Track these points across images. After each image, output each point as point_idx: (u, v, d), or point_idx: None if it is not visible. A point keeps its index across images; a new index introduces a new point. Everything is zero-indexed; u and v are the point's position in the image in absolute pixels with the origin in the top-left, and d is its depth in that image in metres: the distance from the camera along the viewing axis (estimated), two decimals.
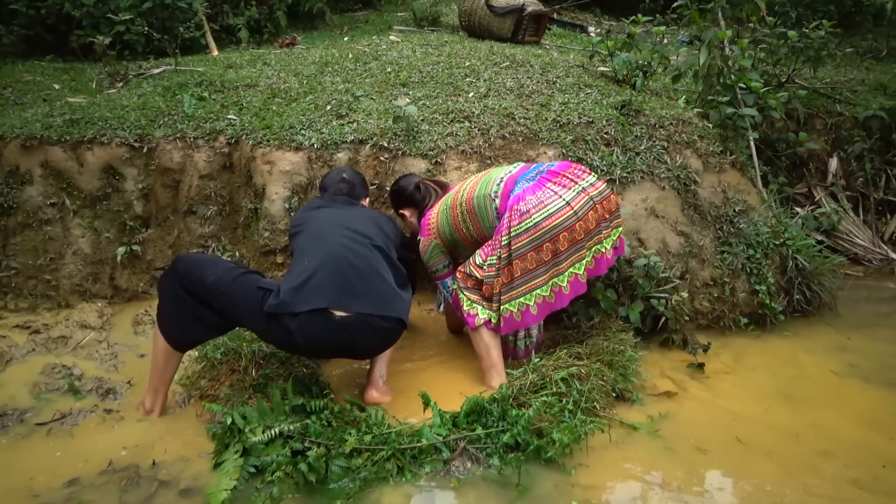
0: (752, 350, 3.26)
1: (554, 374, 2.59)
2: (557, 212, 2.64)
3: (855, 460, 2.40)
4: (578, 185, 2.73)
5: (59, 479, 2.24)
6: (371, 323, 2.42)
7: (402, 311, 2.53)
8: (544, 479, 2.23)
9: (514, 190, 2.75)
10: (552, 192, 2.69)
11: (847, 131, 4.98)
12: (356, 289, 2.44)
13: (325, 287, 2.40)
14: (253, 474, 2.21)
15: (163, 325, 2.53)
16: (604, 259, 2.78)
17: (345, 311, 2.38)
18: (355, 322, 2.39)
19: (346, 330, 2.38)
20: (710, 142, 3.79)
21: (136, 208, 3.72)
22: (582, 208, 2.67)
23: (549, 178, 2.76)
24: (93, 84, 4.91)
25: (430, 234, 2.99)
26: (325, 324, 2.36)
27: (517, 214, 2.66)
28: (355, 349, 2.52)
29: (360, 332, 2.41)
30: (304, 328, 2.35)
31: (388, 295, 2.49)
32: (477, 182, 2.89)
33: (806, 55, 4.74)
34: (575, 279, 2.71)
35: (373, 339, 2.48)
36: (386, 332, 2.50)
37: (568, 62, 4.85)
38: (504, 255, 2.69)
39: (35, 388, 2.81)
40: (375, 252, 2.59)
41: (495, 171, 2.93)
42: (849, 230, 4.67)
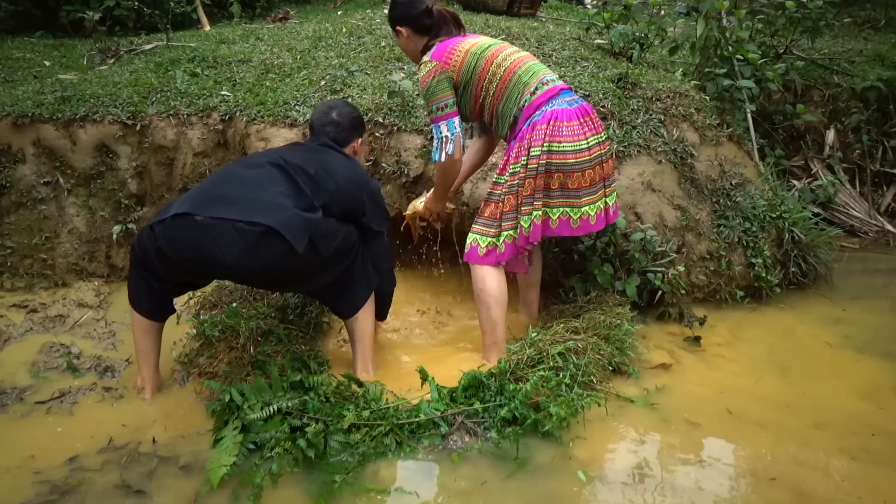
0: (748, 323, 3.28)
1: (551, 349, 2.60)
2: (580, 151, 2.56)
3: (847, 430, 2.42)
4: (600, 135, 2.65)
5: (59, 456, 2.25)
6: (235, 227, 2.22)
7: (280, 221, 2.24)
8: (542, 452, 2.25)
9: (554, 102, 2.58)
10: (582, 130, 2.58)
11: (844, 103, 4.95)
12: (227, 196, 2.29)
13: (196, 195, 2.33)
14: (252, 450, 2.23)
15: (129, 296, 2.56)
16: (606, 213, 2.72)
17: (206, 214, 2.24)
18: (216, 225, 2.22)
19: (206, 233, 2.22)
20: (706, 114, 3.76)
21: (130, 186, 3.70)
22: (594, 160, 2.61)
23: (585, 112, 2.62)
24: (84, 60, 4.85)
25: (448, 64, 2.63)
26: (185, 226, 2.25)
27: (551, 133, 2.52)
28: (222, 259, 2.25)
29: (223, 238, 2.22)
30: (166, 233, 2.27)
31: (262, 203, 2.28)
32: (520, 61, 2.66)
33: (804, 26, 4.69)
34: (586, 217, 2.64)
35: (237, 247, 2.23)
36: (253, 241, 2.23)
37: (564, 35, 4.80)
38: (523, 172, 2.57)
39: (34, 367, 2.82)
40: (276, 172, 2.41)
41: (538, 65, 2.71)
42: (845, 202, 4.67)
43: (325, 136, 2.70)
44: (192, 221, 2.25)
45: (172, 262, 2.33)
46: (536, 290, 3.16)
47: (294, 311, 2.96)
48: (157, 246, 2.31)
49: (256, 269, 2.32)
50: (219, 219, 2.23)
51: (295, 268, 2.37)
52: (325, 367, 2.69)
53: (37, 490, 2.09)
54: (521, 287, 3.15)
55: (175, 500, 2.06)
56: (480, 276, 2.73)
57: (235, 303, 3.04)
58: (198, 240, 2.25)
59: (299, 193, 2.38)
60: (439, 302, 3.41)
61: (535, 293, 3.16)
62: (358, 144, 2.82)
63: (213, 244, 2.23)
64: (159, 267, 2.41)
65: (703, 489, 2.12)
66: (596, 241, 3.16)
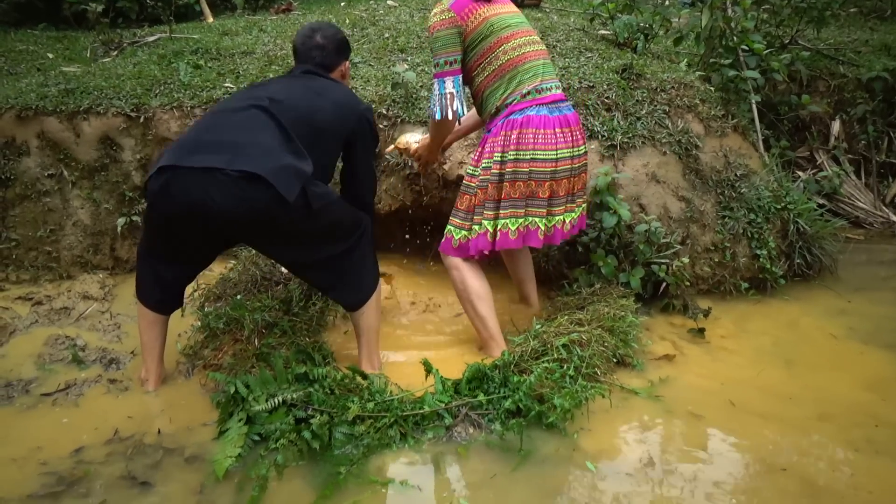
0: (753, 314, 3.28)
1: (555, 341, 2.60)
2: (546, 161, 2.56)
3: (850, 422, 2.42)
4: (576, 149, 2.65)
5: (65, 448, 2.26)
6: (224, 174, 2.13)
7: (269, 169, 2.15)
8: (546, 443, 2.26)
9: (540, 108, 2.56)
10: (555, 140, 2.57)
11: (850, 93, 4.92)
12: (213, 143, 2.21)
13: (182, 145, 2.26)
14: (257, 442, 2.24)
15: (136, 289, 2.56)
16: (559, 231, 2.71)
17: (193, 164, 2.17)
18: (204, 175, 2.15)
19: (195, 183, 2.15)
20: (711, 105, 3.75)
21: (134, 179, 3.70)
22: (560, 173, 2.61)
23: (566, 123, 2.61)
24: (87, 53, 4.85)
25: (464, 21, 2.54)
26: (173, 177, 2.18)
27: (518, 140, 2.53)
28: (213, 209, 2.16)
29: (212, 187, 2.14)
30: (156, 187, 2.20)
31: (250, 148, 2.19)
32: (528, 57, 2.60)
33: (809, 16, 4.66)
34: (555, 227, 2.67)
35: (226, 195, 2.14)
36: (242, 190, 2.14)
37: (568, 25, 4.78)
38: (495, 170, 2.58)
39: (39, 359, 2.83)
40: (261, 114, 2.29)
41: (546, 66, 2.65)
42: (850, 193, 4.65)
43: (310, 62, 2.58)
44: (180, 172, 2.18)
45: (167, 218, 2.27)
46: (531, 283, 3.15)
47: (299, 304, 2.96)
48: (151, 203, 2.26)
49: (247, 220, 2.22)
50: (205, 168, 2.15)
51: (286, 220, 2.25)
52: (329, 359, 2.69)
53: (43, 481, 2.10)
54: (516, 283, 3.16)
55: (180, 491, 2.07)
56: (458, 277, 2.72)
57: (240, 295, 3.04)
58: (187, 190, 2.17)
59: (287, 139, 2.27)
60: (438, 293, 3.41)
61: (530, 286, 3.15)
62: (345, 67, 2.68)
63: (202, 194, 2.15)
64: (159, 230, 2.35)
65: (708, 480, 2.12)
66: (600, 232, 3.15)
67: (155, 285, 2.53)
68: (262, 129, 2.26)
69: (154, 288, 2.53)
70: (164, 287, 2.54)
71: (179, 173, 2.18)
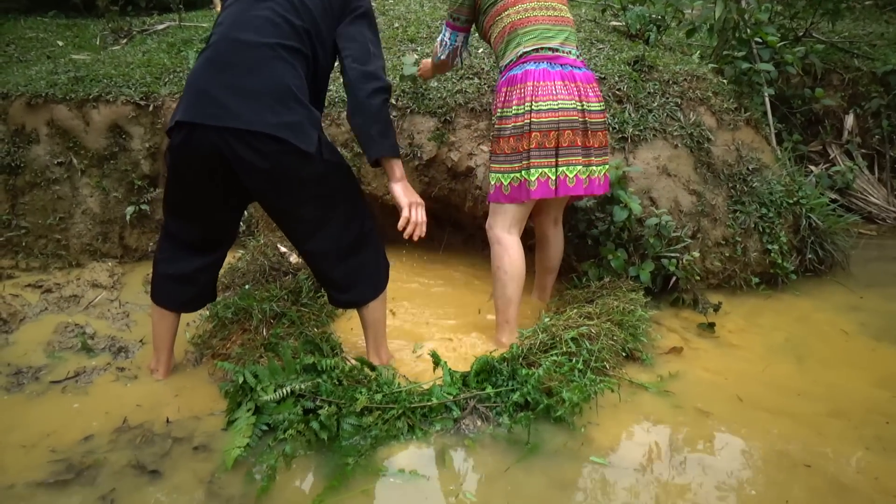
0: (764, 310, 3.26)
1: (564, 334, 2.59)
2: (546, 111, 2.58)
3: (861, 420, 2.40)
4: (586, 103, 2.63)
5: (74, 435, 2.27)
6: (238, 135, 2.13)
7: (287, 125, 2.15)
8: (554, 437, 2.25)
9: (536, 63, 2.61)
10: (558, 89, 2.58)
11: (864, 87, 4.87)
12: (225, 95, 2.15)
13: (195, 91, 2.19)
14: (265, 432, 2.24)
15: (151, 289, 2.56)
16: (590, 182, 2.70)
17: (208, 122, 2.13)
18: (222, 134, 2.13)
19: (219, 138, 2.13)
20: (724, 98, 3.71)
21: (143, 167, 3.70)
22: (564, 123, 2.58)
23: (571, 78, 2.62)
24: (96, 40, 4.85)
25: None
26: (192, 132, 2.16)
27: (519, 94, 2.60)
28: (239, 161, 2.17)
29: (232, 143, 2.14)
30: (174, 141, 2.20)
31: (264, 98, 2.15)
32: (532, 21, 2.65)
33: (824, 8, 4.61)
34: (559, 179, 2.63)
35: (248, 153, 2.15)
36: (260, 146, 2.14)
37: (580, 16, 4.74)
38: (499, 125, 2.68)
39: (49, 347, 2.84)
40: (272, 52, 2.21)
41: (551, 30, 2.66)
42: (863, 188, 4.61)
43: None
44: (199, 128, 2.15)
45: (193, 169, 2.24)
46: (553, 275, 3.15)
47: (307, 295, 2.96)
48: (175, 155, 2.24)
49: (270, 171, 2.19)
50: (222, 128, 2.13)
51: (307, 171, 2.24)
52: (337, 350, 2.69)
53: (52, 468, 2.11)
54: (538, 271, 3.14)
55: (189, 480, 2.07)
56: (499, 253, 2.72)
57: (248, 285, 3.04)
58: (209, 142, 2.16)
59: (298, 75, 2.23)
60: (447, 284, 3.40)
61: (550, 278, 3.16)
62: None
63: (224, 146, 2.15)
64: (183, 184, 2.31)
65: (716, 476, 2.11)
66: (610, 225, 3.14)
67: (175, 287, 2.50)
68: (271, 72, 2.19)
69: (175, 290, 2.51)
70: (187, 285, 2.51)
71: (198, 129, 2.16)
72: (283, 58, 2.22)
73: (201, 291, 2.59)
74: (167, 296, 2.53)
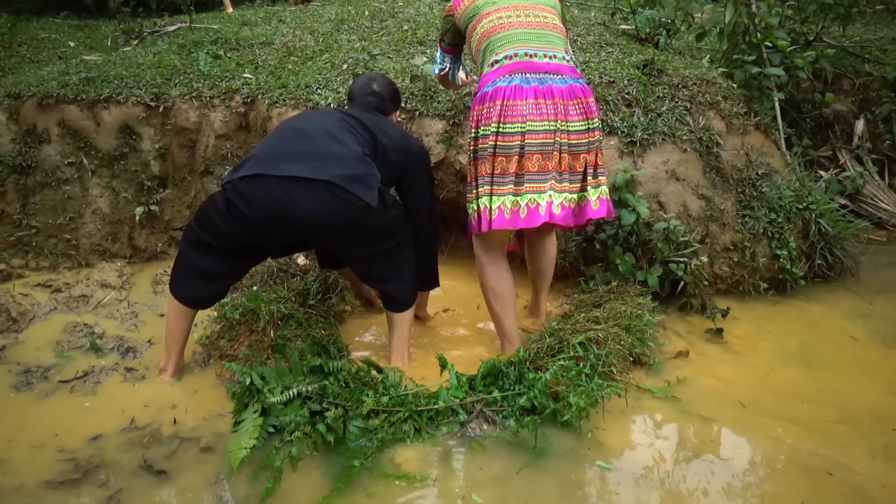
0: (772, 315, 3.24)
1: (571, 338, 2.59)
2: (511, 135, 2.43)
3: (869, 427, 2.39)
4: (557, 123, 2.44)
5: (82, 435, 2.28)
6: (311, 185, 2.27)
7: (352, 178, 2.30)
8: (560, 442, 2.24)
9: (512, 77, 2.46)
10: (527, 109, 2.42)
11: (875, 92, 4.84)
12: (297, 153, 2.34)
13: (265, 153, 2.37)
14: (272, 433, 2.24)
15: (171, 281, 2.57)
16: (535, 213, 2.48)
17: (280, 173, 2.28)
18: (291, 183, 2.27)
19: (283, 190, 2.26)
20: (734, 102, 3.70)
21: (153, 168, 3.72)
22: (532, 147, 2.43)
23: (542, 93, 2.45)
24: (108, 41, 4.88)
25: (455, 10, 2.76)
26: (259, 184, 2.28)
27: (487, 114, 2.47)
28: (298, 214, 2.29)
29: (298, 194, 2.27)
30: (241, 191, 2.30)
31: (333, 157, 2.33)
32: (503, 27, 2.55)
33: (835, 12, 4.58)
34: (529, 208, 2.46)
35: (312, 202, 2.27)
36: (328, 198, 2.28)
37: (589, 20, 4.74)
38: (472, 146, 2.58)
39: (58, 346, 2.86)
40: (338, 123, 2.46)
41: (526, 34, 2.53)
42: (873, 194, 4.58)
43: (366, 107, 2.73)
44: (266, 179, 2.29)
45: (245, 220, 2.33)
46: (542, 295, 3.00)
47: (315, 297, 2.97)
48: (232, 204, 2.33)
49: (331, 224, 2.34)
50: (293, 178, 2.27)
51: (370, 223, 2.40)
52: (344, 352, 2.69)
53: (60, 468, 2.12)
54: (529, 272, 3.02)
55: (196, 481, 2.08)
56: (479, 272, 2.71)
57: (256, 286, 3.05)
58: (274, 195, 2.27)
59: (360, 144, 2.43)
60: (454, 289, 3.40)
61: (540, 297, 3.00)
62: (396, 116, 2.90)
63: (288, 199, 2.27)
64: (227, 228, 2.39)
65: (723, 482, 2.10)
66: (618, 229, 3.13)
67: (199, 282, 2.54)
68: (340, 139, 2.40)
69: (198, 286, 2.54)
70: (210, 282, 2.56)
71: (265, 180, 2.29)
72: (354, 132, 2.47)
73: (221, 291, 2.64)
74: (189, 289, 2.55)
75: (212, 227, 2.45)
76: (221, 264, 2.53)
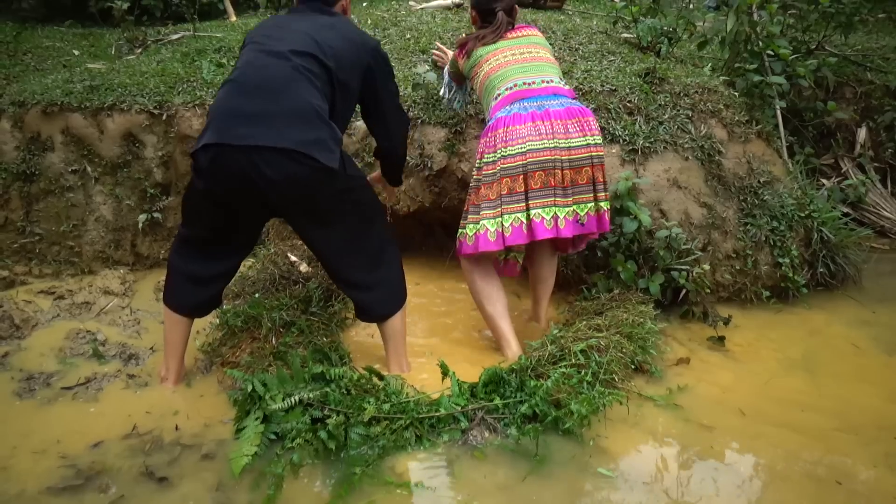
0: (774, 323, 3.23)
1: (573, 346, 2.58)
2: (513, 156, 2.60)
3: (872, 436, 2.38)
4: (555, 141, 2.61)
5: (84, 442, 2.28)
6: (264, 154, 2.19)
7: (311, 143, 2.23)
8: (562, 449, 2.24)
9: (511, 107, 2.68)
10: (526, 131, 2.60)
11: (877, 100, 4.84)
12: (254, 116, 2.22)
13: (221, 115, 2.26)
14: (273, 441, 2.24)
15: (164, 292, 2.59)
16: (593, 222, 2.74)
17: (237, 142, 2.20)
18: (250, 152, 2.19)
19: (246, 159, 2.19)
20: (735, 111, 3.71)
21: (156, 176, 3.73)
22: (533, 165, 2.59)
23: (540, 116, 2.63)
24: (112, 50, 4.90)
25: (459, 58, 3.02)
26: (220, 153, 2.22)
27: (491, 143, 2.67)
28: (265, 182, 2.23)
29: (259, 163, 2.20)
30: (204, 164, 2.25)
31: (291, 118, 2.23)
32: (501, 66, 2.79)
33: (837, 21, 4.59)
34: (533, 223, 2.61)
35: (276, 173, 2.21)
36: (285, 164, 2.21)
37: (591, 28, 4.75)
38: (476, 176, 2.73)
39: (60, 353, 2.86)
40: (291, 73, 2.29)
41: (519, 68, 2.77)
42: (876, 202, 4.58)
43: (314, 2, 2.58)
44: (226, 148, 2.21)
45: (217, 191, 2.31)
46: (543, 303, 3.07)
47: (317, 304, 2.97)
48: (202, 177, 2.30)
49: (295, 190, 2.27)
50: (250, 146, 2.19)
51: (330, 188, 2.32)
52: (346, 359, 2.69)
53: (62, 474, 2.12)
54: (530, 281, 3.10)
55: (197, 488, 2.08)
56: (468, 279, 2.85)
57: (258, 293, 3.06)
58: (236, 164, 2.22)
59: (319, 98, 2.32)
60: (452, 294, 3.40)
61: (541, 306, 3.07)
62: (346, 1, 2.71)
63: (250, 167, 2.21)
64: (206, 204, 2.37)
65: (727, 490, 2.09)
66: (620, 237, 3.13)
67: (189, 288, 2.54)
68: (295, 93, 2.27)
69: (189, 292, 2.54)
70: (201, 287, 2.55)
71: (225, 150, 2.22)
72: (309, 79, 2.31)
73: (213, 296, 2.62)
74: (181, 298, 2.55)
75: (193, 210, 2.44)
76: (208, 266, 2.52)
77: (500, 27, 2.87)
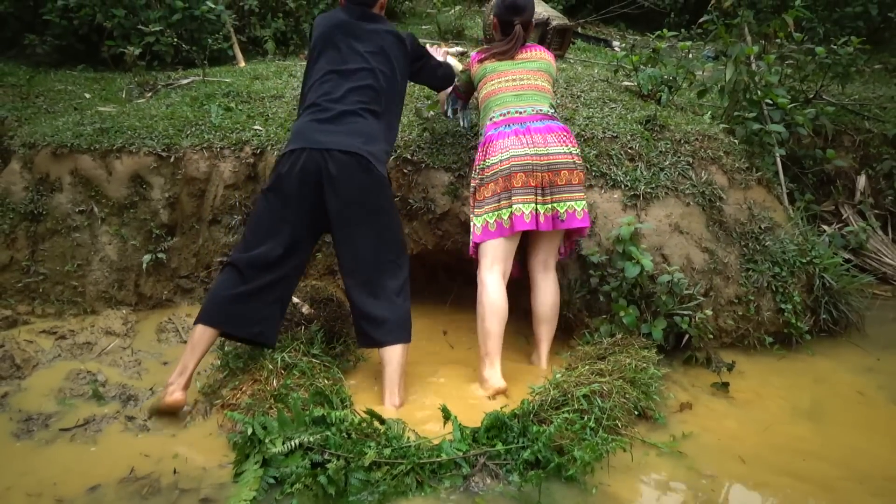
0: (778, 370, 3.22)
1: (575, 391, 2.57)
2: (497, 163, 2.95)
3: (878, 487, 2.34)
4: (535, 148, 2.93)
5: (81, 485, 2.26)
6: (334, 155, 2.72)
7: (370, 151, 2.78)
8: (564, 497, 2.21)
9: (499, 128, 3.04)
10: (509, 143, 2.96)
11: (876, 148, 4.90)
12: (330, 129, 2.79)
13: (305, 130, 2.82)
14: (272, 485, 2.22)
15: (203, 312, 2.75)
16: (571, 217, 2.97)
17: (315, 146, 2.74)
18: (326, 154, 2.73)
19: (322, 158, 2.73)
20: (735, 158, 3.75)
21: (162, 217, 3.76)
22: (513, 168, 2.90)
23: (522, 132, 2.99)
24: (122, 93, 4.98)
25: (471, 67, 3.32)
26: (302, 154, 2.75)
27: (482, 155, 3.06)
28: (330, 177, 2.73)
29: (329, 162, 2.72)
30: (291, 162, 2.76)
31: (358, 133, 2.80)
32: (499, 91, 3.14)
33: (834, 71, 4.67)
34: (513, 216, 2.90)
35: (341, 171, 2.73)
36: (355, 166, 2.74)
37: (592, 76, 4.84)
38: (472, 184, 3.11)
39: (60, 393, 2.85)
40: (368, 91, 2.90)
41: (514, 97, 3.11)
42: (877, 249, 4.59)
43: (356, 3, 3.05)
44: (307, 151, 2.75)
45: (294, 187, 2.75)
46: (545, 344, 3.11)
47: (319, 346, 2.96)
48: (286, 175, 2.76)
49: (351, 186, 2.75)
50: (327, 149, 2.73)
51: (379, 192, 2.83)
52: (347, 402, 2.67)
53: None
54: (533, 321, 3.13)
55: None
56: (479, 289, 2.95)
57: None
58: (314, 162, 2.74)
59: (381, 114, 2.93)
60: (454, 333, 3.40)
61: (543, 347, 3.11)
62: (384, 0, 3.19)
63: (325, 163, 2.72)
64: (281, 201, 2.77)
65: None
66: (622, 282, 3.14)
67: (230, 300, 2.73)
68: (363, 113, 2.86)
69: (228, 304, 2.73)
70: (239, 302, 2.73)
71: (306, 151, 2.75)
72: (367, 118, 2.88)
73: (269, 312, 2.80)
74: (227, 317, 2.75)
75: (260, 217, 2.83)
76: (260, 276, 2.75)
77: (515, 41, 3.17)
